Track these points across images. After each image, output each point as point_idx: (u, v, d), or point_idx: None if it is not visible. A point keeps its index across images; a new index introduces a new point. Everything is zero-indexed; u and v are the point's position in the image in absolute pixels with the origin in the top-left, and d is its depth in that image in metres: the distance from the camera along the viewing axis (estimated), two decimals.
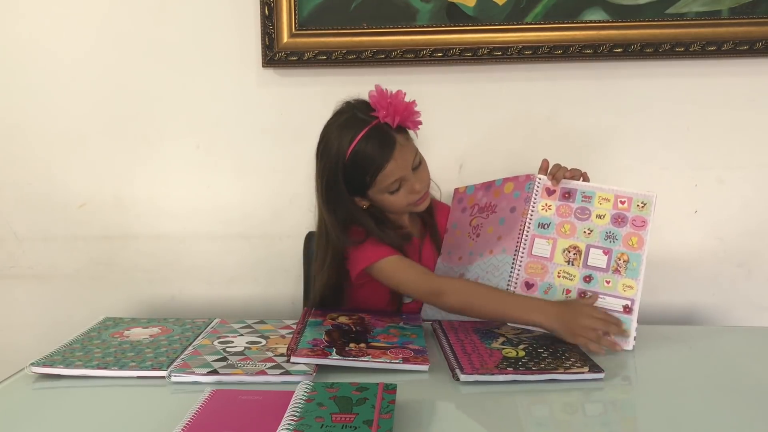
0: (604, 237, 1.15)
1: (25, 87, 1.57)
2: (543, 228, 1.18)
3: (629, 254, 1.13)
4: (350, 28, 1.47)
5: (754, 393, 0.90)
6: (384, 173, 1.14)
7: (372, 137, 1.13)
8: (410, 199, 1.19)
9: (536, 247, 1.17)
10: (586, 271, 1.14)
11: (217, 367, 0.96)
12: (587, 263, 1.14)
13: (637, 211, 1.16)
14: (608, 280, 1.12)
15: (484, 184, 1.32)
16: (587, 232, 1.16)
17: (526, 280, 1.16)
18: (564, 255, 1.16)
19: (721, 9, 1.42)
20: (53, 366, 0.97)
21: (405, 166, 1.15)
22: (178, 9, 1.52)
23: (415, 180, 1.17)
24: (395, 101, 1.13)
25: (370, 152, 1.12)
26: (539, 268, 1.16)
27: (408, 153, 1.16)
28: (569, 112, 1.53)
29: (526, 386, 0.92)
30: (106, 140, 1.58)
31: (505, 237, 1.20)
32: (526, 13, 1.45)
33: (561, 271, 1.15)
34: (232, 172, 1.59)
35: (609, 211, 1.17)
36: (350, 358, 0.96)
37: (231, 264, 1.62)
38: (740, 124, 1.50)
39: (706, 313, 1.58)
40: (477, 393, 0.91)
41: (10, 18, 1.54)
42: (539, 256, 1.17)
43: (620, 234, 1.15)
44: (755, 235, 1.55)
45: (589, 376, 0.94)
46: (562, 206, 1.19)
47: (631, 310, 1.10)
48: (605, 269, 1.13)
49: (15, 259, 1.65)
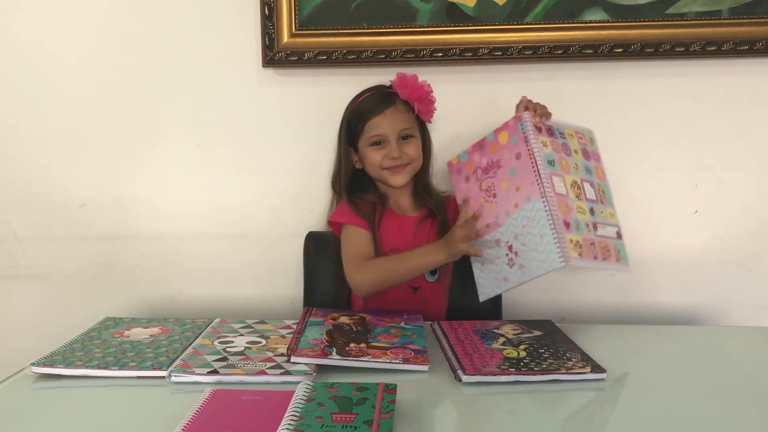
0: (585, 171, 1.17)
1: (25, 87, 1.57)
2: (551, 165, 1.13)
3: (602, 185, 1.19)
4: (350, 28, 1.47)
5: (754, 393, 0.90)
6: (371, 123, 1.29)
7: (376, 95, 1.32)
8: (385, 162, 1.29)
9: (555, 185, 1.12)
10: (589, 205, 1.14)
11: (217, 367, 0.96)
12: (587, 197, 1.15)
13: (591, 146, 1.23)
14: (602, 211, 1.15)
15: (476, 145, 1.26)
16: (575, 167, 1.16)
17: (564, 219, 1.09)
18: (573, 190, 1.13)
19: (721, 9, 1.42)
20: (53, 366, 0.97)
21: (392, 127, 1.28)
22: (178, 9, 1.52)
23: (396, 147, 1.28)
24: (412, 80, 1.30)
25: (368, 104, 1.31)
26: (564, 206, 1.10)
27: (400, 119, 1.29)
28: (569, 112, 1.52)
29: (527, 387, 0.92)
30: (106, 140, 1.58)
31: (524, 185, 1.13)
32: (526, 13, 1.45)
33: (577, 206, 1.12)
34: (232, 172, 1.59)
35: (578, 147, 1.20)
36: (350, 359, 0.96)
37: (231, 264, 1.62)
38: (740, 124, 1.50)
39: (706, 313, 1.58)
40: (477, 393, 0.91)
41: (10, 18, 1.54)
42: (561, 194, 1.11)
43: (591, 167, 1.19)
44: (755, 236, 1.55)
45: (590, 376, 0.94)
46: (553, 142, 1.16)
47: (620, 236, 1.17)
48: (596, 201, 1.16)
49: (15, 259, 1.65)
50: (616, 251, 1.16)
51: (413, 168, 1.32)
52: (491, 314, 1.40)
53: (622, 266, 1.17)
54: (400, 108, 1.30)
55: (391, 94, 1.31)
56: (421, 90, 1.30)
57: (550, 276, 1.58)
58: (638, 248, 1.56)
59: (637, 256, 1.56)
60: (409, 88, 1.29)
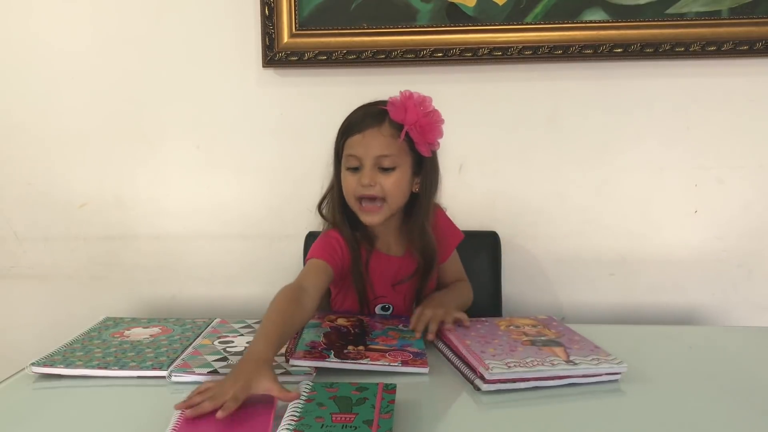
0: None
1: (25, 87, 1.57)
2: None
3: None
4: (350, 28, 1.47)
5: (754, 393, 0.90)
6: (349, 141, 1.10)
7: (366, 109, 1.12)
8: (357, 190, 1.09)
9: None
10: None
11: (217, 367, 0.96)
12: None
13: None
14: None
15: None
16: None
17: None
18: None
19: (721, 9, 1.42)
20: (54, 366, 0.97)
21: (368, 149, 1.07)
22: (178, 9, 1.52)
23: (369, 174, 1.07)
24: (415, 102, 1.07)
25: (353, 118, 1.12)
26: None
27: (379, 143, 1.07)
28: (569, 112, 1.53)
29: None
30: (106, 140, 1.59)
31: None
32: (526, 13, 1.45)
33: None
34: (232, 172, 1.59)
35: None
36: (348, 361, 0.96)
37: (231, 264, 1.62)
38: (740, 124, 1.50)
39: (706, 313, 1.58)
40: (478, 394, 0.90)
41: (10, 18, 1.55)
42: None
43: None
44: (755, 236, 1.55)
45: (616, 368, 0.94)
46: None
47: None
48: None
49: (15, 259, 1.65)
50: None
51: (389, 207, 1.11)
52: (491, 314, 1.40)
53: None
54: (386, 131, 1.07)
55: (383, 111, 1.08)
56: (423, 117, 1.06)
57: (550, 276, 1.60)
58: (638, 248, 1.57)
59: (637, 256, 1.57)
60: (406, 111, 1.05)
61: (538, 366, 0.92)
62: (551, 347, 1.00)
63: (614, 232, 1.57)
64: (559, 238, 1.58)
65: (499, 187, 1.57)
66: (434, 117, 1.08)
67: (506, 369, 0.90)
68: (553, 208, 1.57)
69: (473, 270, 1.34)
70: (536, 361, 0.93)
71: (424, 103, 1.07)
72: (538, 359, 0.94)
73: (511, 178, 1.56)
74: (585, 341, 1.03)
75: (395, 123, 1.07)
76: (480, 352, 0.97)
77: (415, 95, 1.07)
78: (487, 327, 1.10)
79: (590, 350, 0.99)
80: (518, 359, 0.94)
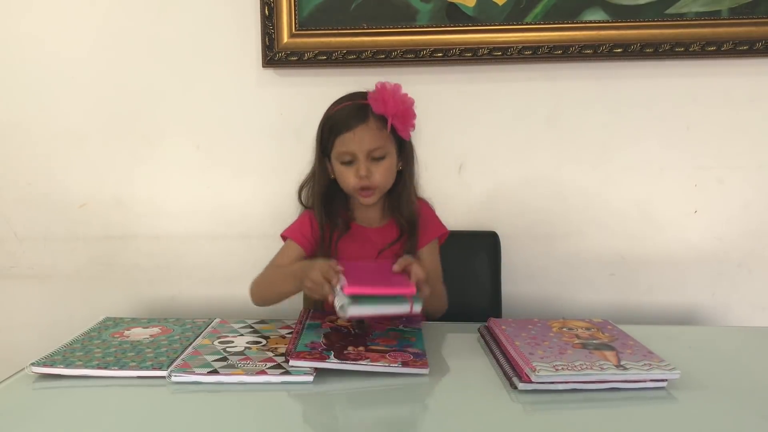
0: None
1: (25, 87, 1.57)
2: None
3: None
4: (350, 28, 1.47)
5: (754, 393, 0.90)
6: (340, 139, 1.18)
7: (350, 108, 1.19)
8: (354, 182, 1.19)
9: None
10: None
11: (217, 367, 0.96)
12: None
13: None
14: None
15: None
16: None
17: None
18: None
19: (721, 9, 1.42)
20: (53, 366, 0.97)
21: (361, 145, 1.16)
22: (178, 9, 1.52)
23: (364, 166, 1.17)
24: (391, 93, 1.15)
25: (339, 116, 1.19)
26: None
27: (370, 137, 1.16)
28: (569, 112, 1.53)
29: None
30: (106, 140, 1.59)
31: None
32: (526, 14, 1.45)
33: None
34: (232, 172, 1.59)
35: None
36: (349, 362, 0.95)
37: (231, 264, 1.62)
38: (740, 124, 1.50)
39: (706, 313, 1.58)
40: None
41: (10, 18, 1.55)
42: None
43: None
44: (755, 235, 1.55)
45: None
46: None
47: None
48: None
49: (15, 259, 1.65)
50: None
51: (381, 190, 1.22)
52: (491, 314, 1.39)
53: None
54: (373, 125, 1.16)
55: (365, 107, 1.16)
56: (400, 105, 1.15)
57: (550, 276, 1.60)
58: (638, 248, 1.57)
59: (637, 256, 1.57)
60: (386, 103, 1.14)
61: (586, 370, 0.90)
62: (603, 351, 0.97)
63: (614, 232, 1.57)
64: (559, 238, 1.58)
65: (499, 187, 1.57)
66: (409, 102, 1.17)
67: (553, 372, 0.89)
68: (553, 208, 1.57)
69: (473, 270, 1.34)
70: (585, 365, 0.91)
71: (398, 91, 1.15)
72: (587, 363, 0.92)
73: (511, 178, 1.56)
74: (639, 346, 1.00)
75: (378, 115, 1.15)
76: (528, 354, 0.95)
77: (388, 85, 1.15)
78: (539, 328, 1.08)
79: (643, 355, 0.96)
80: (567, 362, 0.92)
